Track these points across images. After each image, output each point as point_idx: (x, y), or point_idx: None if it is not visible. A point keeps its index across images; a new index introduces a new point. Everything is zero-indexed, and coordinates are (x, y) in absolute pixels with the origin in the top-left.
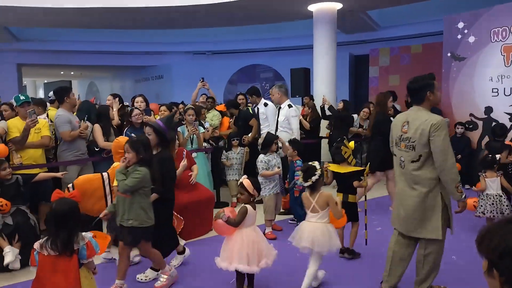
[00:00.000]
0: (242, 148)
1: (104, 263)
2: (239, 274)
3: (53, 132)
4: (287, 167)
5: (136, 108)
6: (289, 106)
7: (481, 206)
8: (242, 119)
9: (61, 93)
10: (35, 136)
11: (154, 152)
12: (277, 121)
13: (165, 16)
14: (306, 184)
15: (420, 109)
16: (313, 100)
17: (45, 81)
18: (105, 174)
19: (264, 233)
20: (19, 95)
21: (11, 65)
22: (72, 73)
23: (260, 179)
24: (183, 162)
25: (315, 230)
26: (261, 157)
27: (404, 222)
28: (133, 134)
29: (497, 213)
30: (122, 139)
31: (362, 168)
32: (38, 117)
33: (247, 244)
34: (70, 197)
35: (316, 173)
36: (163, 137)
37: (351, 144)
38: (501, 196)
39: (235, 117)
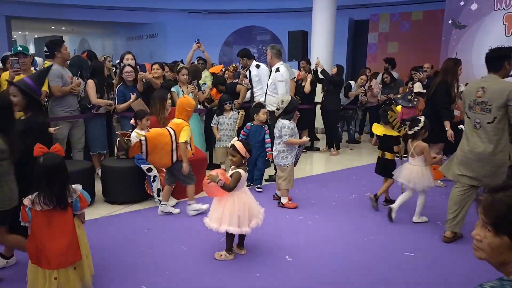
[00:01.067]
0: (234, 112)
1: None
2: (229, 234)
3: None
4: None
5: (128, 65)
6: (277, 69)
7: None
8: (229, 92)
9: (52, 47)
10: None
11: (24, 116)
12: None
13: None
14: (409, 133)
15: (496, 77)
16: (309, 64)
17: (36, 36)
18: (170, 130)
19: (281, 203)
20: (18, 45)
21: None
22: (63, 28)
23: (281, 147)
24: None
25: (412, 171)
26: (287, 123)
27: (473, 173)
28: (132, 95)
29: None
30: (190, 98)
31: (395, 133)
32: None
33: (238, 206)
34: (54, 151)
35: (419, 124)
36: (32, 98)
37: (398, 108)
38: None
39: (225, 92)
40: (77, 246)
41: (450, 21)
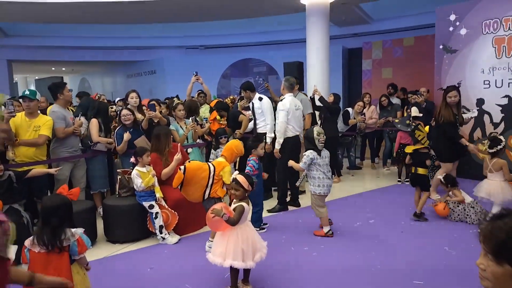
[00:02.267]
0: None
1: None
2: (233, 269)
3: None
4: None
5: (126, 108)
6: (282, 99)
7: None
8: (231, 118)
9: (55, 89)
10: (33, 133)
11: None
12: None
13: (157, 10)
14: (491, 151)
15: None
16: (305, 95)
17: (36, 77)
18: (211, 166)
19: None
20: (27, 89)
21: (1, 61)
22: (63, 69)
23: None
24: (177, 156)
25: (491, 185)
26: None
27: None
28: (125, 134)
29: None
30: (241, 144)
31: (424, 146)
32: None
33: (242, 240)
34: (67, 194)
35: (501, 143)
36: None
37: (426, 128)
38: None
39: (226, 118)
40: None
41: (441, 46)
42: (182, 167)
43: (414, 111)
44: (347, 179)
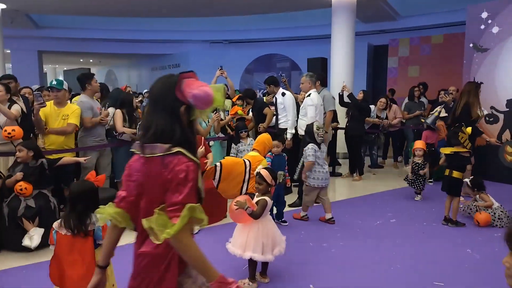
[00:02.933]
0: (251, 138)
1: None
2: (252, 262)
3: None
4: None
5: None
6: (309, 95)
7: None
8: (256, 109)
9: (83, 80)
10: (61, 122)
11: None
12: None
13: (183, 4)
14: None
15: None
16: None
17: (65, 68)
18: (247, 161)
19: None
20: (54, 79)
21: (32, 52)
22: (91, 60)
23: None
24: (201, 149)
25: None
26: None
27: None
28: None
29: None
30: (269, 136)
31: (465, 149)
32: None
33: (263, 233)
34: (94, 180)
35: None
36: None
37: (468, 129)
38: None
39: (252, 108)
40: None
41: (471, 45)
42: (218, 163)
43: (442, 112)
44: (369, 177)
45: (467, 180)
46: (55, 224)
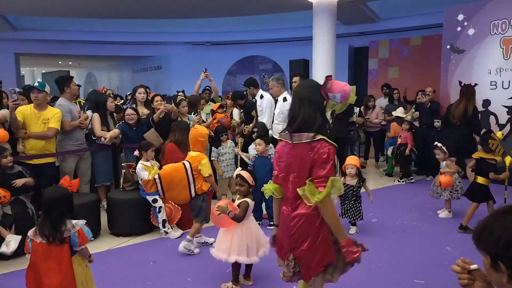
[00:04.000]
0: (231, 141)
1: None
2: (235, 265)
3: None
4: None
5: (131, 107)
6: (284, 99)
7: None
8: (245, 110)
9: (62, 83)
10: (42, 126)
11: None
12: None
13: (164, 5)
14: None
15: None
16: None
17: (43, 71)
18: (186, 163)
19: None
20: (36, 81)
21: (9, 54)
22: (70, 63)
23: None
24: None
25: None
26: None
27: None
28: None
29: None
30: (200, 127)
31: (491, 157)
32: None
33: (247, 236)
34: (68, 186)
35: None
36: None
37: (499, 134)
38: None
39: (241, 107)
40: (72, 284)
41: (448, 46)
42: (156, 176)
43: (400, 112)
44: None
45: (439, 144)
46: (30, 232)
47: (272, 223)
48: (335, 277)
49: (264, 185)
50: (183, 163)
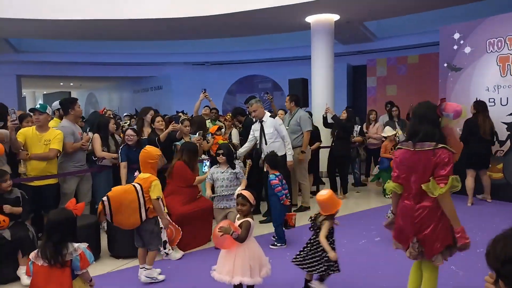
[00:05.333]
0: (232, 169)
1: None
2: (237, 286)
3: None
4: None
5: (130, 128)
6: (272, 116)
7: None
8: (245, 127)
9: (67, 105)
10: (43, 147)
11: None
12: (263, 135)
13: (163, 27)
14: None
15: None
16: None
17: (45, 92)
18: (137, 185)
19: None
20: (38, 103)
21: (10, 76)
22: (71, 84)
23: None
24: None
25: None
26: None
27: None
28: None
29: None
30: (151, 148)
31: None
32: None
33: (249, 256)
34: (73, 209)
35: None
36: None
37: None
38: None
39: (242, 125)
40: None
41: (445, 64)
42: (105, 198)
43: (388, 131)
44: (352, 196)
45: None
46: (32, 255)
47: (278, 244)
48: (446, 257)
49: (386, 183)
50: (133, 185)
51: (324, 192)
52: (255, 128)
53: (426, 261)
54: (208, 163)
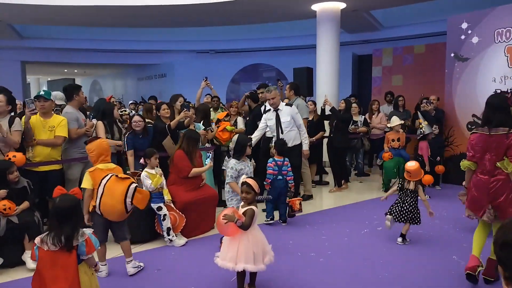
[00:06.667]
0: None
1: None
2: (240, 274)
3: None
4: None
5: (137, 114)
6: (288, 105)
7: None
8: (252, 117)
9: (71, 91)
10: (48, 133)
11: None
12: (279, 123)
13: (168, 14)
14: None
15: None
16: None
17: (49, 79)
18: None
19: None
20: (42, 90)
21: (15, 62)
22: (75, 71)
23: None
24: (211, 164)
25: None
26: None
27: None
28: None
29: None
30: (105, 141)
31: None
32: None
33: (253, 243)
34: (72, 193)
35: None
36: None
37: None
38: None
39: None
40: None
41: (452, 54)
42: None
43: (395, 120)
44: (355, 186)
45: None
46: (37, 240)
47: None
48: None
49: (462, 161)
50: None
51: (413, 163)
52: (269, 117)
53: (498, 223)
54: (212, 155)
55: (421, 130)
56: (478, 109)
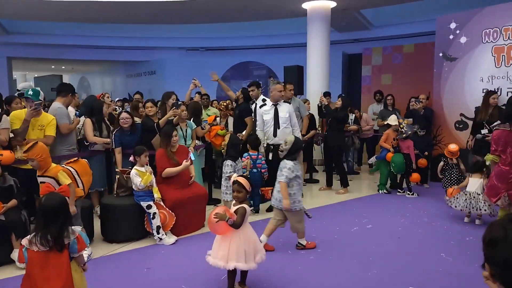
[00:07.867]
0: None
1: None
2: (231, 272)
3: None
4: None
5: (125, 111)
6: (286, 101)
7: (456, 198)
8: (238, 113)
9: (70, 89)
10: (38, 132)
11: None
12: (276, 118)
13: (158, 10)
14: None
15: None
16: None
17: (36, 75)
18: (71, 169)
19: (301, 245)
20: (30, 89)
21: (1, 58)
22: (63, 67)
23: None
24: (187, 162)
25: None
26: (290, 163)
27: None
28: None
29: (471, 209)
30: (41, 141)
31: None
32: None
33: (244, 242)
34: (59, 192)
35: None
36: None
37: None
38: (479, 195)
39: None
40: None
41: (440, 54)
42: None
43: (392, 119)
44: None
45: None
46: (25, 241)
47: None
48: None
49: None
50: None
51: (454, 145)
52: (265, 111)
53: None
54: (197, 153)
55: (403, 129)
56: (466, 108)
